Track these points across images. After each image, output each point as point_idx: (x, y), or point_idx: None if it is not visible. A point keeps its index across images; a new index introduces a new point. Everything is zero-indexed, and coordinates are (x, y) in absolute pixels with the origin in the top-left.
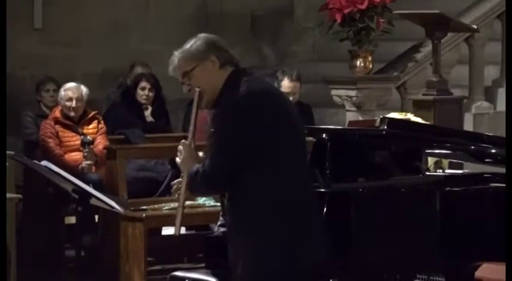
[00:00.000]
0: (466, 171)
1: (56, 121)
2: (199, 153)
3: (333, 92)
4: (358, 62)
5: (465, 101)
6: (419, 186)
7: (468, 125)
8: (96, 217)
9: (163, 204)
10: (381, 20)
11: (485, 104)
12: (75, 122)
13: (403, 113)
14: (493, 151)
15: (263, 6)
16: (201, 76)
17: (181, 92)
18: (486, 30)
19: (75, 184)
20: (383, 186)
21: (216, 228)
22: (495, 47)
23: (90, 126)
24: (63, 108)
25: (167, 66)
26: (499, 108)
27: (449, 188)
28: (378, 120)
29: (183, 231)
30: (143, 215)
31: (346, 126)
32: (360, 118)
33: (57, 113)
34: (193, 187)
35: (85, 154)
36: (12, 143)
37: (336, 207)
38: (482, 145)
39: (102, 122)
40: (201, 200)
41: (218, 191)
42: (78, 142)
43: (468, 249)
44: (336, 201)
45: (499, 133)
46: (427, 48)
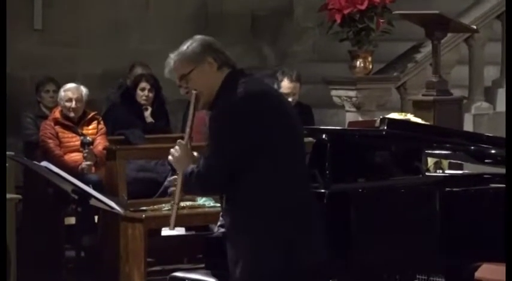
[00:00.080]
0: (466, 171)
1: (56, 122)
2: (194, 153)
3: (333, 93)
4: (358, 63)
5: (465, 102)
6: (419, 186)
7: (468, 126)
8: (96, 218)
9: (163, 205)
10: (381, 21)
11: (485, 105)
12: (74, 123)
13: (403, 114)
14: (493, 152)
15: (263, 6)
16: (199, 79)
17: (180, 93)
18: (486, 30)
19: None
20: (383, 186)
21: (216, 228)
22: (495, 48)
23: (89, 127)
24: (62, 109)
25: None
26: (499, 108)
27: (449, 188)
28: (378, 120)
29: (183, 231)
30: (143, 215)
31: (346, 126)
32: (360, 119)
33: (56, 114)
34: (187, 188)
35: (85, 155)
36: (12, 143)
37: (336, 207)
38: (482, 146)
39: (101, 123)
40: (201, 200)
41: (213, 192)
42: (77, 143)
43: (468, 249)
44: (336, 201)
45: (499, 134)
46: (427, 48)
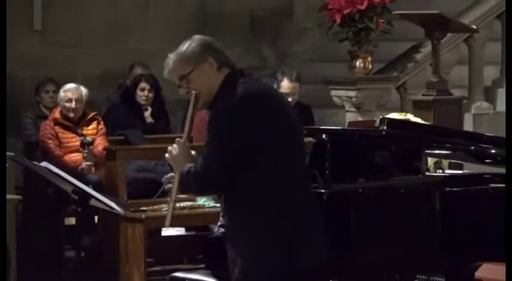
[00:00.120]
0: (466, 171)
1: (56, 122)
2: (192, 152)
3: (333, 93)
4: (357, 63)
5: (465, 102)
6: (419, 186)
7: (468, 126)
8: (95, 218)
9: (163, 205)
10: (381, 21)
11: (485, 105)
12: (74, 123)
13: (403, 114)
14: (493, 151)
15: (263, 6)
16: (199, 79)
17: (180, 93)
18: (486, 30)
19: (74, 185)
20: (383, 186)
21: (216, 229)
22: (495, 47)
23: (89, 127)
24: (62, 109)
25: None
26: (499, 108)
27: (449, 188)
28: (378, 120)
29: (183, 232)
30: (143, 216)
31: (345, 126)
32: (360, 119)
33: (56, 114)
34: (185, 187)
35: (85, 155)
36: (12, 144)
37: (336, 207)
38: (482, 145)
39: (101, 123)
40: (201, 201)
41: (210, 192)
42: (77, 143)
43: (468, 249)
44: (336, 201)
45: (499, 133)
46: (427, 48)
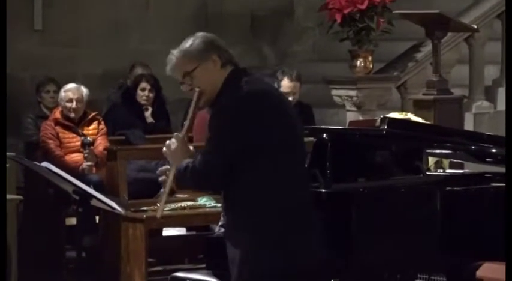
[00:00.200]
0: (467, 171)
1: (56, 122)
2: (190, 147)
3: (333, 92)
4: (358, 62)
5: (465, 101)
6: (419, 186)
7: (468, 125)
8: (96, 218)
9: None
10: (381, 20)
11: (485, 104)
12: (75, 123)
13: (404, 113)
14: (494, 151)
15: (263, 6)
16: (202, 76)
17: (181, 93)
18: (486, 29)
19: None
20: (383, 186)
21: (217, 228)
22: (495, 47)
23: (90, 127)
24: (63, 109)
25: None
26: (499, 107)
27: (449, 187)
28: (378, 120)
29: (184, 232)
30: (144, 216)
31: (346, 126)
32: (360, 118)
33: (57, 114)
34: (181, 182)
35: (85, 155)
36: (12, 144)
37: (337, 207)
38: (482, 145)
39: (102, 123)
40: (202, 200)
41: (207, 189)
42: (78, 143)
43: (469, 248)
44: (337, 201)
45: (500, 133)
46: (427, 48)
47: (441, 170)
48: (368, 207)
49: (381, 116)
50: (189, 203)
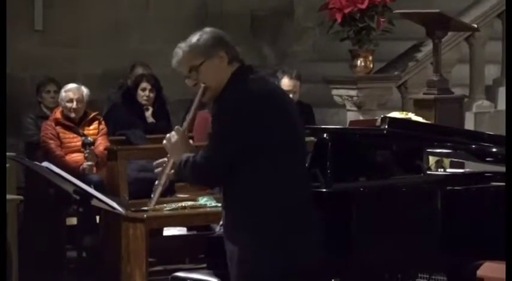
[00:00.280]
0: (467, 170)
1: (57, 122)
2: (190, 141)
3: (334, 92)
4: (358, 62)
5: (466, 100)
6: (420, 185)
7: (469, 124)
8: (97, 218)
9: (164, 205)
10: (381, 20)
11: (486, 103)
12: (75, 123)
13: (404, 113)
14: (494, 150)
15: (263, 6)
16: (208, 71)
17: (182, 93)
18: (486, 29)
19: (76, 185)
20: (384, 185)
21: (218, 228)
22: (495, 46)
23: (90, 127)
24: (63, 109)
25: (168, 66)
26: (500, 107)
27: (450, 187)
28: (379, 119)
29: (184, 231)
30: (144, 215)
31: (347, 126)
32: (361, 118)
33: (57, 114)
34: (181, 175)
35: (86, 155)
36: (13, 144)
37: (337, 207)
38: (483, 144)
39: (103, 123)
40: (202, 200)
41: (206, 184)
42: (79, 143)
43: (469, 248)
44: (337, 201)
45: (500, 132)
46: (428, 47)
47: (442, 169)
48: (368, 206)
49: (382, 116)
50: (190, 203)
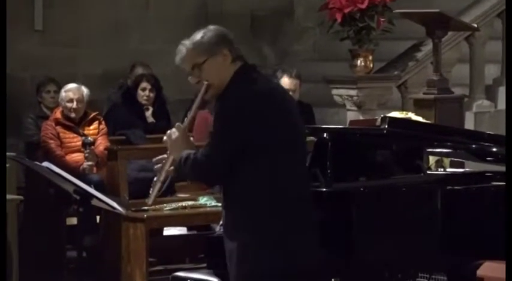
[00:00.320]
0: (467, 170)
1: (57, 122)
2: (191, 138)
3: (334, 92)
4: (358, 62)
5: (466, 100)
6: (420, 185)
7: (469, 124)
8: (97, 218)
9: (164, 204)
10: (381, 19)
11: (486, 103)
12: (76, 123)
13: (404, 112)
14: (494, 150)
15: (263, 6)
16: (211, 69)
17: (182, 93)
18: (486, 28)
19: (76, 185)
20: (384, 185)
21: (218, 228)
22: (496, 46)
23: (91, 127)
24: (63, 109)
25: (168, 66)
26: (500, 106)
27: (450, 186)
28: (379, 119)
29: (185, 231)
30: (145, 215)
31: (347, 125)
32: (361, 117)
33: (57, 114)
34: (180, 172)
35: (86, 155)
36: (13, 144)
37: (337, 206)
38: (483, 144)
39: (103, 123)
40: (203, 200)
41: (205, 182)
42: (79, 143)
43: (469, 248)
44: (337, 200)
45: (500, 132)
46: (428, 47)
47: (442, 169)
48: (369, 206)
49: (382, 116)
50: (190, 202)
